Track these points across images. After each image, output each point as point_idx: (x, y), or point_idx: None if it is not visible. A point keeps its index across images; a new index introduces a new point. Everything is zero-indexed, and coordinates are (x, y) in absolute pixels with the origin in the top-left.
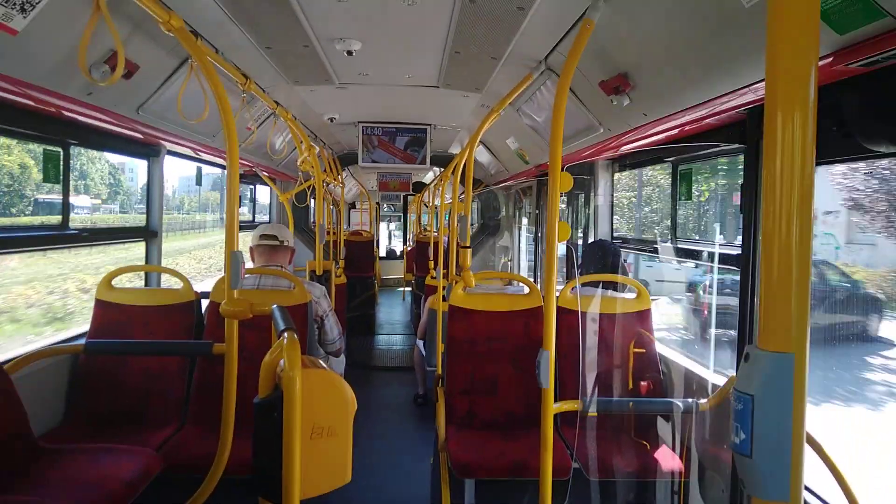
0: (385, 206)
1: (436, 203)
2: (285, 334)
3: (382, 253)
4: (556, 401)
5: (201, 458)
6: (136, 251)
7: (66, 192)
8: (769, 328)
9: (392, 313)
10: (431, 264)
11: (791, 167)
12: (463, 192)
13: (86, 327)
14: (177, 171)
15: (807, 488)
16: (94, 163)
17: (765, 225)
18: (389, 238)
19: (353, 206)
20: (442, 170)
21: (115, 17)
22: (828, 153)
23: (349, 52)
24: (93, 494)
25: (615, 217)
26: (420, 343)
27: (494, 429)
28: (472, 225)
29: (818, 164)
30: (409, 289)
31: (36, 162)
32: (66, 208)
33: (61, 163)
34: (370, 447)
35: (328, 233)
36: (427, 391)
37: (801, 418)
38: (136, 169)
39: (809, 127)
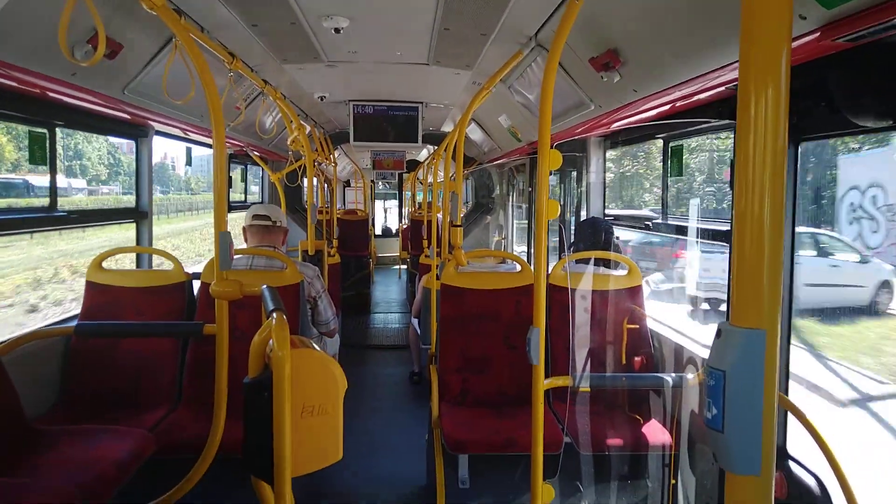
0: (381, 183)
1: (430, 181)
2: (274, 315)
3: (378, 231)
4: (547, 377)
5: (194, 438)
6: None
7: (53, 174)
8: (741, 305)
9: (388, 292)
10: (425, 243)
11: (763, 144)
12: (455, 171)
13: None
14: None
15: (790, 457)
16: (90, 142)
17: (736, 203)
18: (385, 216)
19: (347, 184)
20: (436, 147)
21: None
22: (815, 128)
23: (337, 30)
24: (86, 475)
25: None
26: (415, 321)
27: (487, 405)
28: (466, 203)
29: (804, 139)
30: (405, 267)
31: (10, 139)
32: (53, 190)
33: (47, 144)
34: (366, 425)
35: (321, 212)
36: (422, 369)
37: (772, 394)
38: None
39: (781, 105)
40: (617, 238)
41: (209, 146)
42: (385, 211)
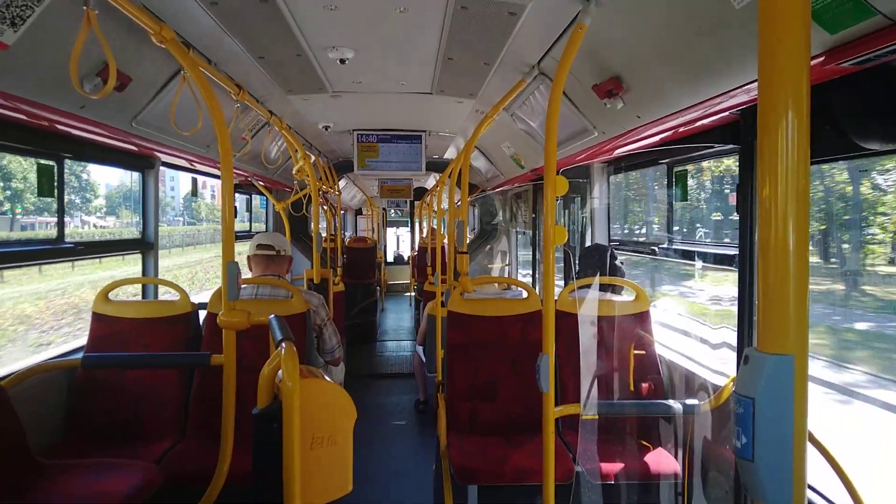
0: (392, 211)
1: (439, 208)
2: (283, 344)
3: (390, 258)
4: (556, 405)
5: (202, 470)
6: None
7: (60, 206)
8: (768, 330)
9: (396, 319)
10: (429, 270)
11: (786, 167)
12: (459, 198)
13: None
14: (211, 183)
15: (810, 487)
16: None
17: (760, 226)
18: (398, 243)
19: (359, 212)
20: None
21: (106, 30)
22: (821, 152)
23: (342, 61)
24: None
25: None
26: (420, 349)
27: (496, 434)
28: (472, 230)
29: (813, 162)
30: (416, 287)
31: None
32: (61, 222)
33: (55, 177)
34: (372, 455)
35: (327, 240)
36: (428, 397)
37: (802, 421)
38: (177, 178)
39: (804, 127)
40: (621, 263)
41: (216, 177)
42: (397, 238)
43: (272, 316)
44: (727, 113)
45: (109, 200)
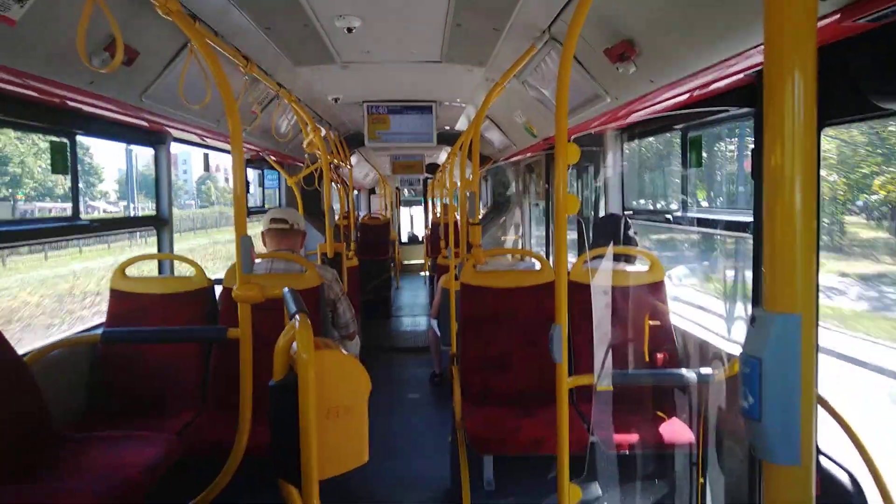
0: (406, 191)
1: (451, 181)
2: (297, 317)
3: (404, 238)
4: (570, 375)
5: (221, 441)
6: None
7: (74, 183)
8: (775, 289)
9: (411, 296)
10: (443, 244)
11: (793, 129)
12: (471, 170)
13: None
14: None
15: (820, 451)
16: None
17: (766, 187)
18: (412, 223)
19: (373, 191)
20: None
21: (111, 3)
22: (837, 113)
23: (349, 30)
24: (113, 480)
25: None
26: (434, 323)
27: (510, 405)
28: (485, 205)
29: (827, 124)
30: (430, 264)
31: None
32: (75, 199)
33: (68, 153)
34: (388, 428)
35: (340, 218)
36: (443, 370)
37: (810, 380)
38: (189, 160)
39: (811, 88)
40: (635, 233)
41: (226, 151)
42: (411, 217)
43: (286, 289)
44: (742, 75)
45: (122, 185)
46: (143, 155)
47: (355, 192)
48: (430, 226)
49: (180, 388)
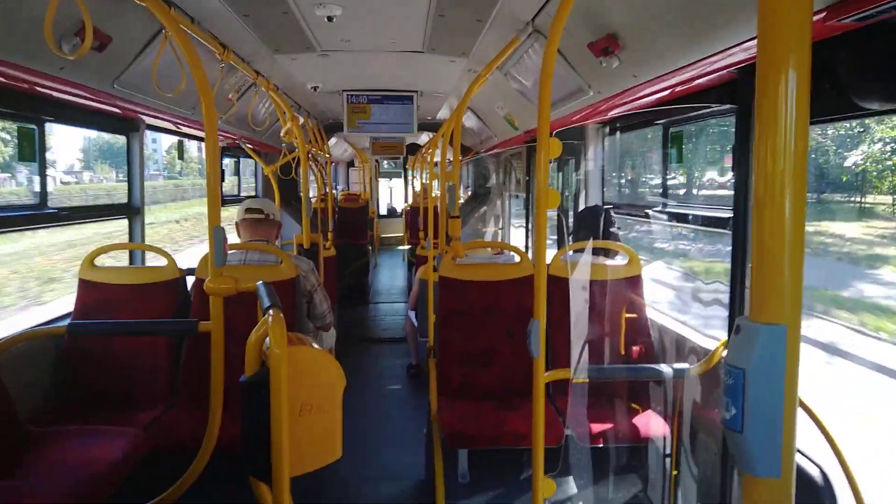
0: (385, 163)
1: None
2: (270, 311)
3: (383, 211)
4: (547, 369)
5: (191, 436)
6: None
7: (42, 170)
8: (761, 299)
9: (389, 277)
10: (422, 234)
11: (785, 128)
12: (451, 160)
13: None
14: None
15: (798, 451)
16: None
17: (756, 192)
18: (391, 195)
19: (351, 164)
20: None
21: None
22: (820, 111)
23: (329, 18)
24: (81, 476)
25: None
26: (412, 314)
27: (488, 399)
28: (467, 188)
29: (811, 122)
30: (409, 247)
31: None
32: (43, 187)
33: (36, 140)
34: (363, 419)
35: (317, 202)
36: (420, 362)
37: (793, 392)
38: (159, 139)
39: (804, 85)
40: (618, 228)
41: (201, 139)
42: (390, 190)
43: (260, 282)
44: (725, 72)
45: (87, 154)
46: None
47: (333, 164)
48: (409, 204)
49: (149, 382)
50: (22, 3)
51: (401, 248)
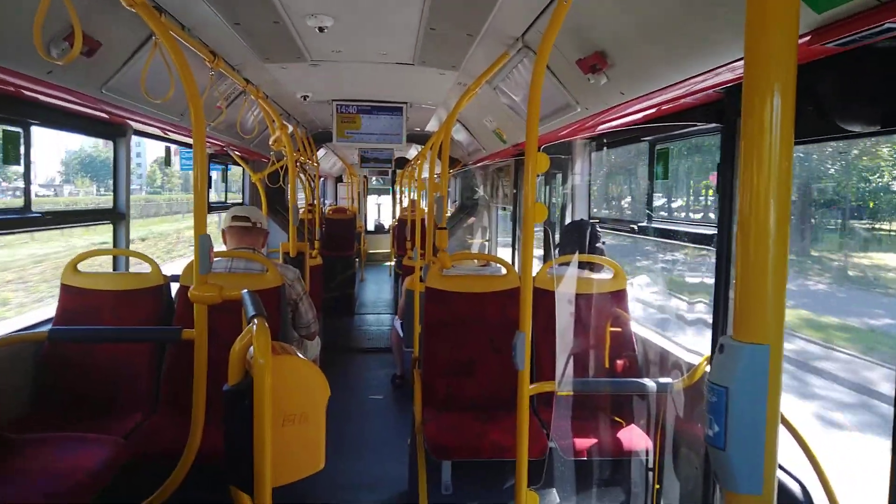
0: (374, 179)
1: (419, 177)
2: (255, 320)
3: (371, 227)
4: (532, 382)
5: (172, 445)
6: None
7: (27, 174)
8: (745, 319)
9: (376, 291)
10: (409, 245)
11: (770, 148)
12: (440, 173)
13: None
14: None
15: (781, 468)
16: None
17: (741, 212)
18: (379, 211)
19: (340, 179)
20: (422, 147)
21: None
22: (804, 133)
23: (321, 29)
24: (58, 485)
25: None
26: (398, 324)
27: (472, 410)
28: (454, 202)
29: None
30: (395, 260)
31: None
32: (27, 191)
33: (21, 144)
34: (347, 429)
35: (305, 212)
36: (405, 372)
37: (775, 411)
38: (143, 146)
39: (789, 107)
40: (603, 243)
41: (189, 146)
42: (378, 206)
43: (245, 291)
44: (711, 91)
45: (68, 167)
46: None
47: (321, 179)
48: (397, 219)
49: (131, 389)
50: (10, 6)
51: (388, 263)
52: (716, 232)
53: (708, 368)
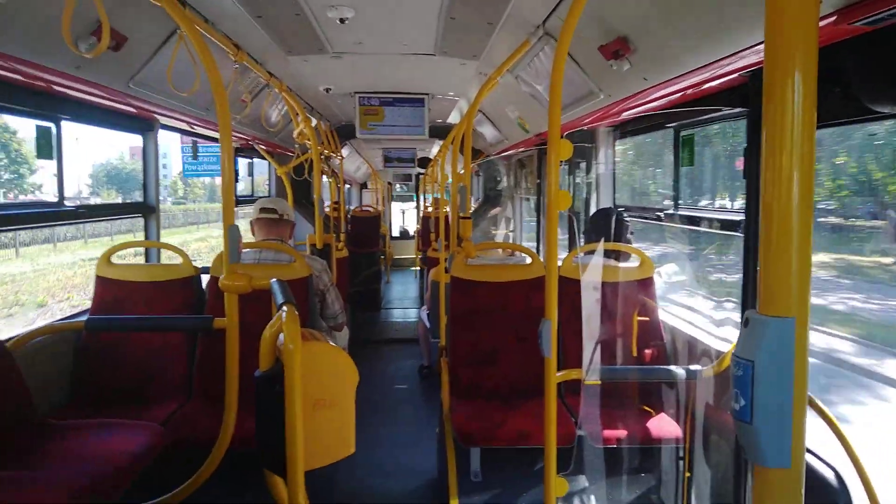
0: (398, 186)
1: (442, 174)
2: (284, 308)
3: (396, 233)
4: (559, 370)
5: (206, 432)
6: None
7: (60, 168)
8: (769, 292)
9: (402, 290)
10: (433, 236)
11: (791, 130)
12: (462, 164)
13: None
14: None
15: (810, 451)
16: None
17: (764, 189)
18: (403, 218)
19: (364, 186)
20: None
21: None
22: (831, 115)
23: (342, 20)
24: (99, 468)
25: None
26: (424, 315)
27: (498, 398)
28: (476, 199)
29: (820, 126)
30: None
31: None
32: (60, 185)
33: (53, 138)
34: (376, 419)
35: (331, 209)
36: (432, 362)
37: (802, 384)
38: (168, 154)
39: (811, 89)
40: (632, 233)
41: (215, 140)
42: (402, 213)
43: (274, 279)
44: (736, 75)
45: (96, 180)
46: (116, 146)
47: (347, 186)
48: (421, 219)
49: (165, 378)
50: (39, 2)
51: (413, 268)
52: (743, 218)
53: None
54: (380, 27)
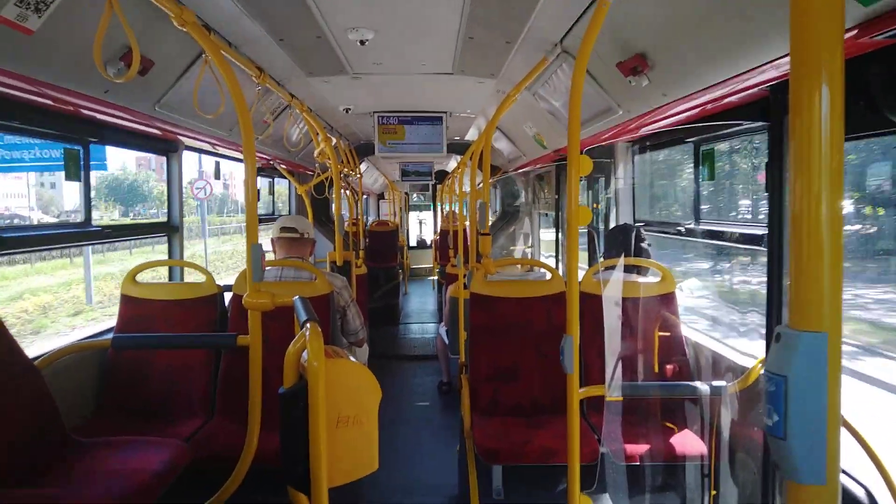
0: (415, 195)
1: (461, 190)
2: (308, 325)
3: (413, 242)
4: (581, 386)
5: (230, 449)
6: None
7: (87, 190)
8: (801, 307)
9: (419, 303)
10: (451, 252)
11: (820, 144)
12: (481, 180)
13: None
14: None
15: (843, 471)
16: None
17: (793, 203)
18: (420, 227)
19: (382, 196)
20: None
21: (127, 13)
22: (853, 128)
23: (362, 42)
24: (124, 485)
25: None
26: (443, 331)
27: (519, 415)
28: (494, 212)
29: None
30: (439, 268)
31: None
32: (87, 206)
33: (81, 161)
34: (396, 435)
35: (349, 225)
36: (452, 378)
37: (836, 399)
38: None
39: (838, 101)
40: (649, 245)
41: (238, 160)
42: (420, 223)
43: (296, 297)
44: (756, 89)
45: (97, 192)
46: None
47: (364, 196)
48: (439, 231)
49: (189, 395)
50: (69, 29)
51: (431, 278)
52: (766, 232)
53: (762, 370)
54: (399, 48)
